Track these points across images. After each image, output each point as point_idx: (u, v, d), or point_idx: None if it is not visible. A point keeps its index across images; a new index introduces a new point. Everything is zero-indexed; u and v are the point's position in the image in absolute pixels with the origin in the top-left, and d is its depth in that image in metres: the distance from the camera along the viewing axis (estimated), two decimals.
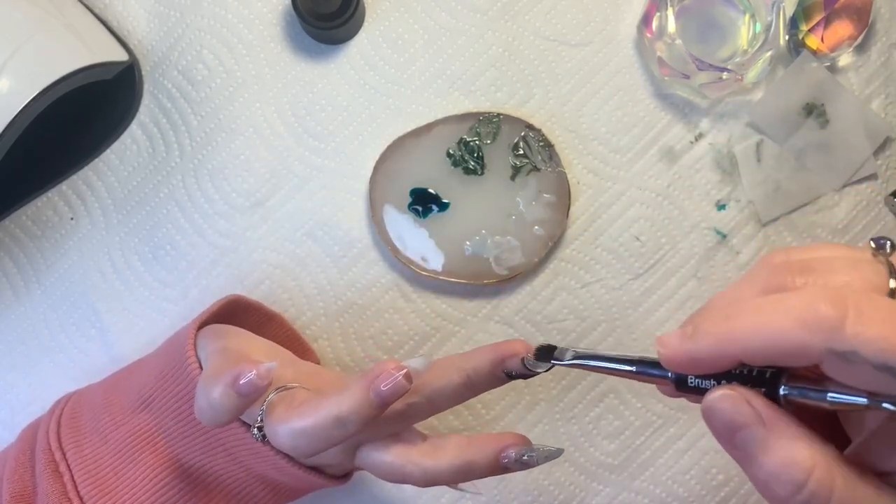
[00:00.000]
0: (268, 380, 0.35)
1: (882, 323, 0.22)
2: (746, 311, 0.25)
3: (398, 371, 0.34)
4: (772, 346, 0.24)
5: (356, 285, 0.52)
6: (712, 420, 0.26)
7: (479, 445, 0.36)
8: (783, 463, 0.24)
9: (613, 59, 0.53)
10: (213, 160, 0.53)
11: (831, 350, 0.23)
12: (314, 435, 0.34)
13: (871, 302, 0.23)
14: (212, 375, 0.37)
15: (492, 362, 0.37)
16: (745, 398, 0.25)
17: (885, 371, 0.22)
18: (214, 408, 0.35)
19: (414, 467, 0.36)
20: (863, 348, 0.22)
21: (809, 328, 0.23)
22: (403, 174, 0.51)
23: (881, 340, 0.22)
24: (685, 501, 0.52)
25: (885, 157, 0.53)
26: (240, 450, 0.40)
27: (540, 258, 0.51)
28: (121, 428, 0.43)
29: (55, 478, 0.41)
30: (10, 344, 0.54)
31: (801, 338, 0.23)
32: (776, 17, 0.49)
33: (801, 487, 0.24)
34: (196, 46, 0.53)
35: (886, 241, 0.26)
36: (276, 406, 0.36)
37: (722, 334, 0.25)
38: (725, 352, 0.25)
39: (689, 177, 0.52)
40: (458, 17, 0.53)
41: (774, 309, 0.24)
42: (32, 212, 0.54)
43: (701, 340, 0.26)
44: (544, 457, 0.36)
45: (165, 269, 0.53)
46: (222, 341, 0.42)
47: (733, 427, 0.25)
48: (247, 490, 0.42)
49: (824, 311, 0.23)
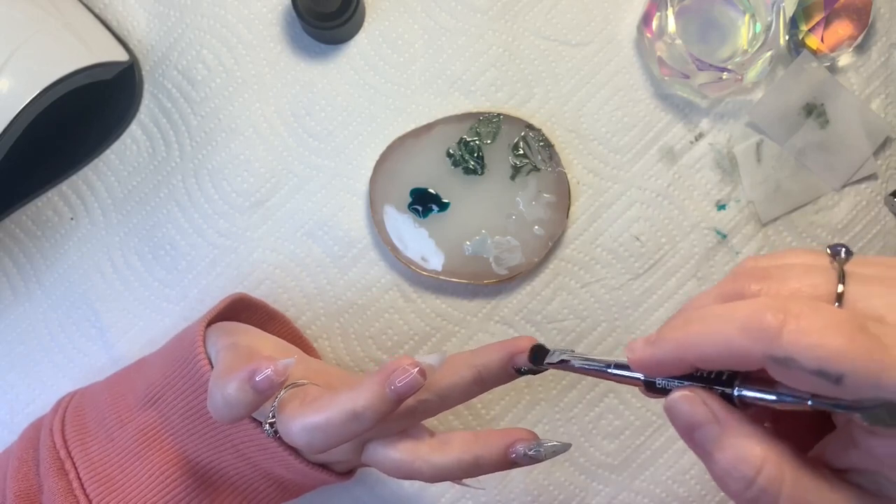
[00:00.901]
0: (284, 376, 0.35)
1: (818, 332, 0.24)
2: (700, 318, 0.27)
3: (413, 367, 0.34)
4: (719, 352, 0.26)
5: (356, 285, 0.52)
6: (673, 419, 0.28)
7: (487, 440, 0.36)
8: (735, 459, 0.26)
9: (613, 59, 0.53)
10: (213, 160, 0.53)
11: (770, 357, 0.24)
12: (329, 430, 0.34)
13: (811, 311, 0.24)
14: (226, 371, 0.37)
15: (501, 359, 0.38)
16: (701, 399, 0.27)
17: (819, 376, 0.24)
18: (230, 403, 0.35)
19: (422, 463, 0.36)
20: (798, 355, 0.24)
21: (750, 336, 0.25)
22: (403, 174, 0.51)
23: (816, 348, 0.24)
24: (685, 501, 0.52)
25: (885, 157, 0.53)
26: (248, 446, 0.40)
27: (540, 258, 0.51)
28: (126, 425, 0.43)
29: (60, 476, 0.41)
30: (10, 344, 0.54)
31: (743, 345, 0.25)
32: (776, 17, 0.49)
33: (751, 483, 0.26)
34: (196, 46, 0.53)
35: (841, 247, 0.28)
36: (288, 402, 0.37)
37: (679, 340, 0.27)
38: (682, 356, 0.27)
39: (689, 177, 0.52)
40: (458, 17, 0.53)
41: (723, 317, 0.26)
42: (32, 212, 0.54)
43: (661, 346, 0.28)
44: (552, 451, 0.37)
45: (165, 269, 0.53)
46: (232, 338, 0.42)
47: (691, 426, 0.27)
48: (253, 486, 0.43)
49: (764, 321, 0.25)
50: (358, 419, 0.34)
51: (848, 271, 0.27)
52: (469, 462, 0.36)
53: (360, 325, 0.52)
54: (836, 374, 0.24)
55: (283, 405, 0.36)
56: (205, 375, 0.40)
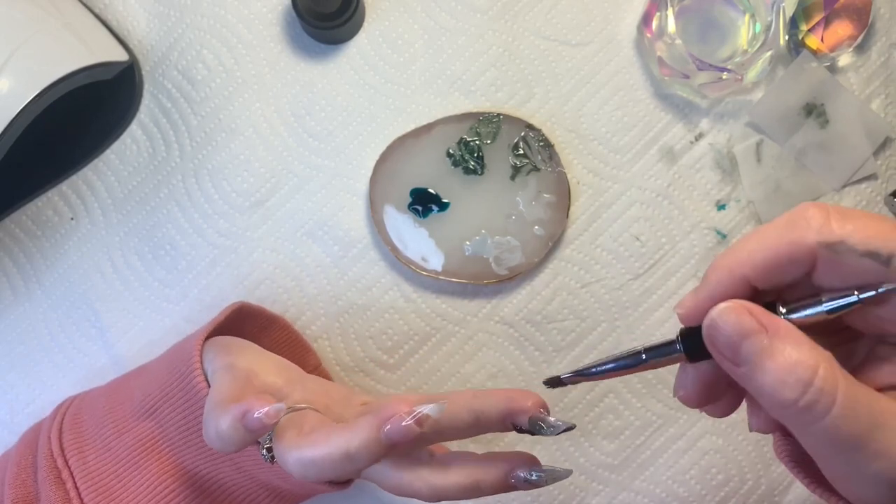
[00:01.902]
0: (276, 419, 0.35)
1: (860, 218, 0.26)
2: (744, 239, 0.28)
3: (410, 417, 0.33)
4: (773, 254, 0.27)
5: (356, 285, 0.52)
6: (716, 336, 0.27)
7: (488, 464, 0.36)
8: (789, 363, 0.26)
9: (613, 59, 0.53)
10: (213, 160, 0.53)
11: (822, 242, 0.26)
12: (324, 466, 0.34)
13: (847, 209, 0.27)
14: (220, 402, 0.36)
15: (501, 413, 0.37)
16: (747, 309, 0.27)
17: (869, 257, 0.25)
18: (223, 439, 0.35)
19: (422, 484, 0.36)
20: (848, 238, 0.26)
21: (801, 228, 0.26)
22: (403, 174, 0.51)
23: (865, 229, 0.26)
24: (685, 501, 0.52)
25: (885, 157, 0.53)
26: (245, 461, 0.40)
27: (540, 258, 0.51)
28: (124, 435, 0.43)
29: (58, 485, 0.41)
30: (10, 344, 0.54)
31: (795, 237, 0.26)
32: (776, 17, 0.49)
33: (808, 385, 0.25)
34: (196, 46, 0.53)
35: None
36: (286, 430, 0.36)
37: (730, 262, 0.28)
38: (735, 276, 0.28)
39: (689, 177, 0.52)
40: (458, 17, 0.53)
41: (768, 226, 0.27)
42: (32, 212, 0.54)
43: (711, 276, 0.28)
44: (553, 478, 0.36)
45: (165, 268, 0.53)
46: (230, 357, 0.41)
47: (738, 337, 0.26)
48: (250, 497, 0.42)
49: (811, 213, 0.26)
50: (351, 460, 0.34)
51: None
52: (468, 486, 0.36)
53: (360, 325, 0.52)
54: (888, 252, 0.25)
55: (281, 433, 0.36)
56: (200, 392, 0.40)
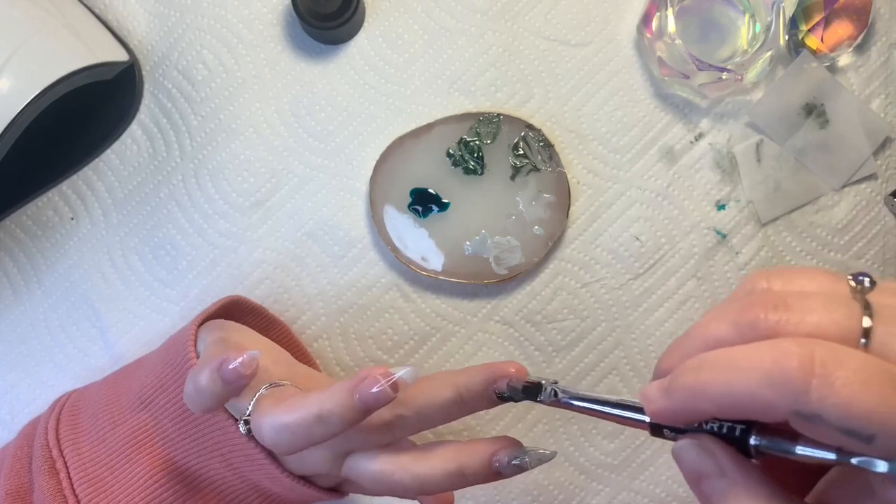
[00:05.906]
0: (251, 368, 0.35)
1: (846, 386, 0.22)
2: (719, 365, 0.25)
3: (384, 378, 0.33)
4: (740, 404, 0.24)
5: (356, 285, 0.52)
6: (680, 465, 0.28)
7: (471, 450, 0.36)
8: None
9: (613, 59, 0.53)
10: (213, 160, 0.53)
11: (796, 413, 0.23)
12: (295, 430, 0.34)
13: (838, 360, 0.23)
14: (201, 363, 0.37)
15: (484, 381, 0.36)
16: (709, 450, 0.26)
17: (849, 435, 0.22)
18: (200, 392, 0.36)
19: (404, 474, 0.36)
20: (826, 413, 0.22)
21: (776, 389, 0.23)
22: (403, 174, 0.51)
23: (846, 407, 0.22)
24: (685, 501, 0.52)
25: (885, 157, 0.53)
26: (234, 455, 0.40)
27: (540, 258, 0.51)
28: (118, 427, 0.43)
29: (51, 475, 0.41)
30: (10, 344, 0.54)
31: (767, 398, 0.23)
32: (776, 17, 0.49)
33: None
34: (196, 46, 0.53)
35: (864, 277, 0.25)
36: (264, 400, 0.37)
37: (696, 390, 0.25)
38: (700, 407, 0.25)
39: (689, 177, 0.52)
40: (458, 17, 0.53)
41: (743, 364, 0.24)
42: (32, 212, 0.54)
43: (676, 395, 0.26)
44: (537, 460, 0.35)
45: (165, 268, 0.53)
46: (222, 333, 0.42)
47: (698, 475, 0.27)
48: (239, 496, 0.42)
49: (790, 373, 0.23)
50: (323, 422, 0.33)
51: (873, 303, 0.25)
52: (453, 472, 0.35)
53: (360, 325, 0.52)
54: (868, 434, 0.22)
55: (260, 403, 0.36)
56: None
